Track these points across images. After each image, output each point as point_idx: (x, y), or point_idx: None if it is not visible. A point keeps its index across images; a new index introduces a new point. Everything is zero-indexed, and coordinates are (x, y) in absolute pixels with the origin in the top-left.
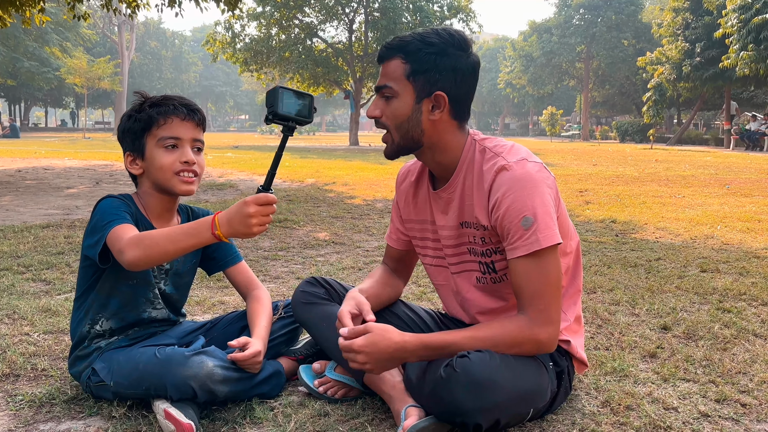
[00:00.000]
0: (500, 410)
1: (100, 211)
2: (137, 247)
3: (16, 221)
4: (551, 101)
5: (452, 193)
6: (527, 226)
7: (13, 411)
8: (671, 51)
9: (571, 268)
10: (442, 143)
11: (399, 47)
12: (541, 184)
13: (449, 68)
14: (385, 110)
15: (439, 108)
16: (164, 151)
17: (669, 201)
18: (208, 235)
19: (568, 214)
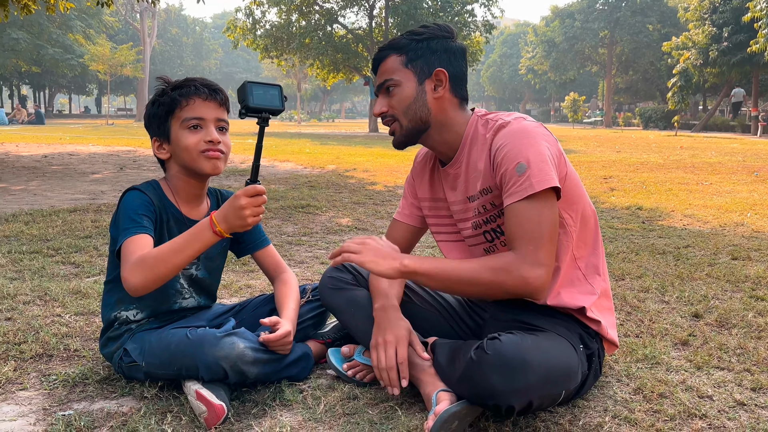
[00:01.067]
0: (533, 391)
1: (123, 207)
2: (142, 270)
3: (44, 205)
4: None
5: (458, 168)
6: (521, 171)
7: (48, 390)
8: (698, 35)
9: (592, 233)
10: (449, 121)
11: (390, 47)
12: (537, 135)
13: (441, 49)
14: (390, 102)
15: (441, 85)
16: (188, 131)
17: (696, 188)
18: (210, 235)
19: (579, 178)
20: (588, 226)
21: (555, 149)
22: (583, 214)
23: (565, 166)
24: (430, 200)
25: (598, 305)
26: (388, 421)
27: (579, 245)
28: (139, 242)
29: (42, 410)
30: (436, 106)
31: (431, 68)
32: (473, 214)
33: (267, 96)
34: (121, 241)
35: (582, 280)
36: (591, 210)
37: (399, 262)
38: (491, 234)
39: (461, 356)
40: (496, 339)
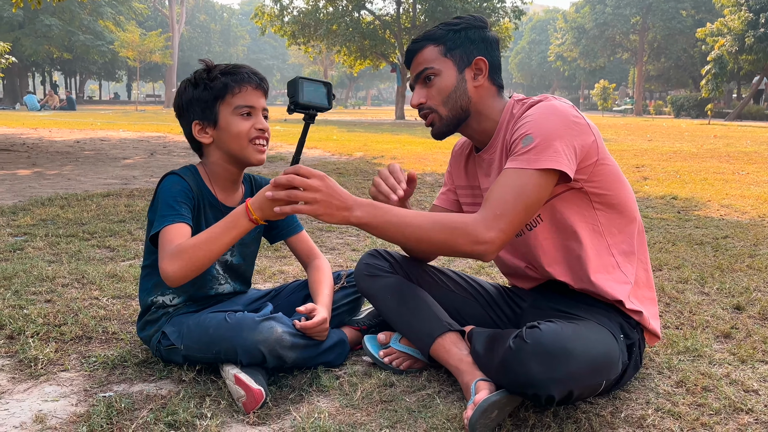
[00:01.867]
0: (573, 381)
1: (162, 192)
2: (179, 260)
3: (78, 190)
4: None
5: (493, 153)
6: (526, 143)
7: (88, 372)
8: (733, 21)
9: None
10: (487, 109)
11: (426, 38)
12: (560, 115)
13: (479, 39)
14: (429, 92)
15: (481, 74)
16: (240, 119)
17: (732, 178)
18: (246, 222)
19: (617, 165)
20: (625, 213)
21: (582, 135)
22: (619, 200)
23: (597, 153)
24: (467, 188)
25: (637, 295)
26: (426, 409)
27: (612, 232)
28: (177, 231)
29: (83, 391)
30: (476, 95)
31: (471, 57)
32: None
33: (317, 94)
34: (158, 228)
35: (615, 267)
36: (630, 197)
37: (351, 213)
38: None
39: (499, 345)
40: (536, 327)
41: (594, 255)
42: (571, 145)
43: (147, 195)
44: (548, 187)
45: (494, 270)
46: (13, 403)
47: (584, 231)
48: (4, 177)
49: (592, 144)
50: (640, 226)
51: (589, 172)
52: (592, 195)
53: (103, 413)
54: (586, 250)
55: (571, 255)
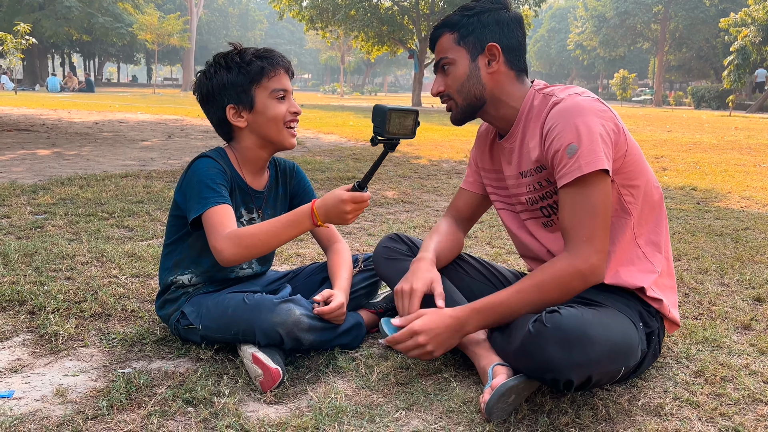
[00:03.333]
0: (592, 366)
1: (198, 174)
2: (237, 246)
3: (96, 170)
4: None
5: (513, 142)
6: (572, 153)
7: (107, 348)
8: (758, 12)
9: (655, 211)
10: (504, 95)
11: (443, 24)
12: (589, 112)
13: (493, 22)
14: (446, 81)
15: (494, 59)
16: (277, 102)
17: (753, 170)
18: (309, 225)
19: (642, 154)
20: (650, 202)
21: (612, 126)
22: (645, 191)
23: (626, 143)
24: (490, 171)
25: (659, 284)
26: (442, 392)
27: (640, 223)
28: (224, 212)
29: (102, 367)
30: (492, 81)
31: (483, 43)
32: (526, 189)
33: (403, 125)
34: (202, 210)
35: (642, 258)
36: (655, 186)
37: (464, 331)
38: (548, 209)
39: (518, 329)
40: (556, 312)
41: (619, 248)
42: (606, 139)
43: (165, 177)
44: (608, 184)
45: (511, 256)
46: (35, 377)
47: (612, 225)
48: (24, 156)
49: (621, 135)
50: (665, 213)
51: (620, 164)
52: (621, 187)
53: (123, 389)
54: (612, 243)
55: None
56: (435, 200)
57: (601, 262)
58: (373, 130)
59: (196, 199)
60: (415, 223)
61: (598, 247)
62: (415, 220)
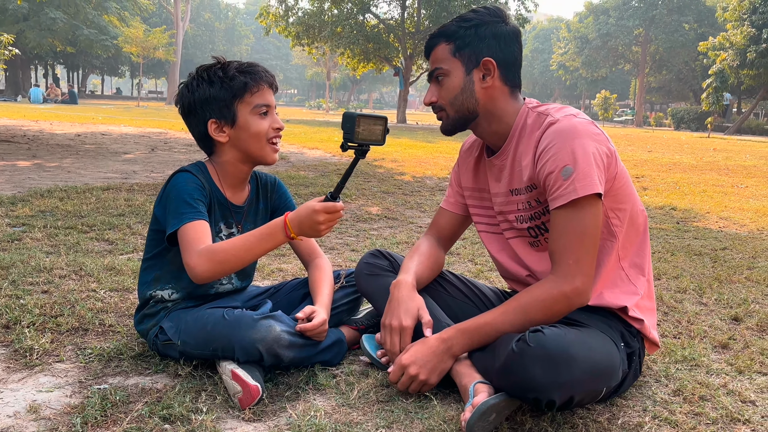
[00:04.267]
0: (575, 386)
1: (176, 188)
2: (210, 262)
3: (78, 182)
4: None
5: (504, 159)
6: (566, 175)
7: (83, 363)
8: (736, 36)
9: (640, 235)
10: (498, 110)
11: (440, 33)
12: (585, 135)
13: (490, 36)
14: (440, 92)
15: (489, 74)
16: (259, 117)
17: (731, 191)
18: (282, 238)
19: (629, 178)
20: (635, 226)
21: (605, 149)
22: (631, 214)
23: (616, 166)
24: (473, 190)
25: (640, 305)
26: (422, 410)
27: (624, 245)
28: (199, 229)
29: (78, 383)
30: (485, 96)
31: (479, 57)
32: (517, 207)
33: (372, 131)
34: (178, 225)
35: (625, 280)
36: (640, 209)
37: (451, 354)
38: (535, 230)
39: (501, 348)
40: (540, 332)
41: (604, 271)
42: (599, 162)
43: (147, 190)
44: (600, 208)
45: (493, 274)
46: (7, 393)
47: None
48: (3, 168)
49: (612, 159)
50: (648, 237)
51: (609, 186)
52: (609, 210)
53: (98, 405)
54: (598, 265)
55: None
56: (418, 216)
57: (586, 285)
58: (343, 137)
59: (173, 215)
60: (398, 239)
61: (584, 271)
62: (399, 236)
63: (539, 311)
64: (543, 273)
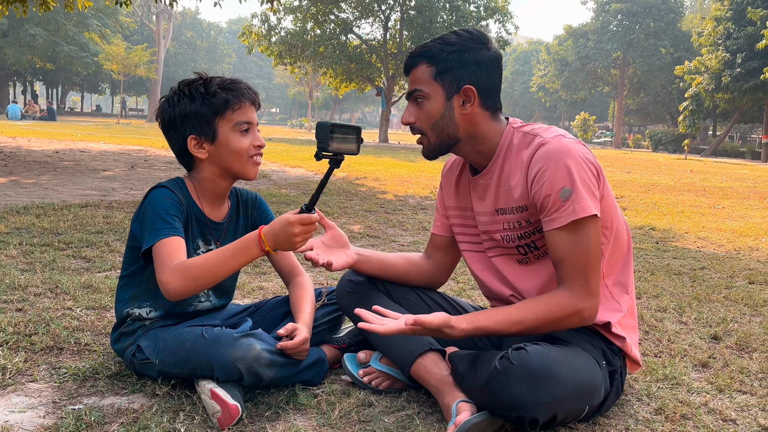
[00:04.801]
0: (558, 405)
1: (152, 204)
2: (183, 279)
3: (55, 199)
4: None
5: (489, 179)
6: (565, 197)
7: (57, 383)
8: (711, 61)
9: (624, 253)
10: (480, 133)
11: (422, 54)
12: (577, 155)
13: (472, 62)
14: (419, 114)
15: (469, 101)
16: (240, 135)
17: (708, 211)
18: (257, 251)
19: (614, 197)
20: (620, 244)
21: (594, 169)
22: (616, 232)
23: (604, 186)
24: (457, 208)
25: (623, 323)
26: (405, 430)
27: (609, 263)
28: (173, 245)
29: (52, 403)
30: (465, 121)
31: (460, 84)
32: (503, 227)
33: (346, 140)
34: (153, 242)
35: (609, 298)
36: (624, 227)
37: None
38: (525, 249)
39: (483, 366)
40: (522, 349)
41: None
42: (592, 180)
43: (126, 207)
44: (599, 227)
45: (475, 292)
46: None
47: None
48: None
49: (601, 178)
50: (632, 255)
51: (600, 205)
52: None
53: (72, 426)
54: None
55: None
56: (401, 235)
57: (596, 304)
58: (317, 146)
59: (149, 231)
60: None
61: (593, 291)
62: None
63: (552, 323)
64: (528, 291)
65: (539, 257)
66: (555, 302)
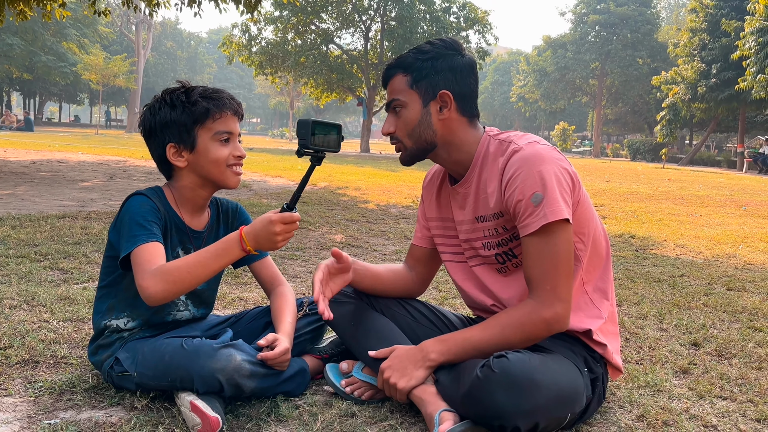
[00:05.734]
0: (540, 413)
1: (129, 212)
2: (163, 282)
3: (32, 210)
4: (563, 117)
5: (468, 187)
6: (536, 202)
7: (33, 397)
8: (687, 71)
9: (603, 259)
10: (457, 140)
11: (397, 65)
12: (551, 161)
13: (447, 68)
14: (397, 123)
15: (446, 106)
16: (219, 144)
17: (686, 219)
18: (238, 252)
19: (591, 203)
20: (598, 250)
21: (569, 175)
22: (594, 239)
23: (579, 192)
24: (438, 219)
25: (603, 329)
26: None
27: (588, 269)
28: (152, 250)
29: (27, 418)
30: (443, 128)
31: (436, 90)
32: (483, 234)
33: (327, 137)
34: (131, 248)
35: (589, 304)
36: (602, 234)
37: (425, 366)
38: (503, 257)
39: (465, 375)
40: (504, 357)
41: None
42: (566, 189)
43: (105, 218)
44: (570, 232)
45: (457, 301)
46: None
47: None
48: None
49: (574, 181)
50: (611, 262)
51: (573, 210)
52: (572, 234)
53: None
54: None
55: None
56: (383, 244)
57: (565, 311)
58: (298, 143)
59: (126, 238)
60: None
61: (562, 297)
62: None
63: (518, 334)
64: (509, 300)
65: (517, 266)
66: (520, 312)
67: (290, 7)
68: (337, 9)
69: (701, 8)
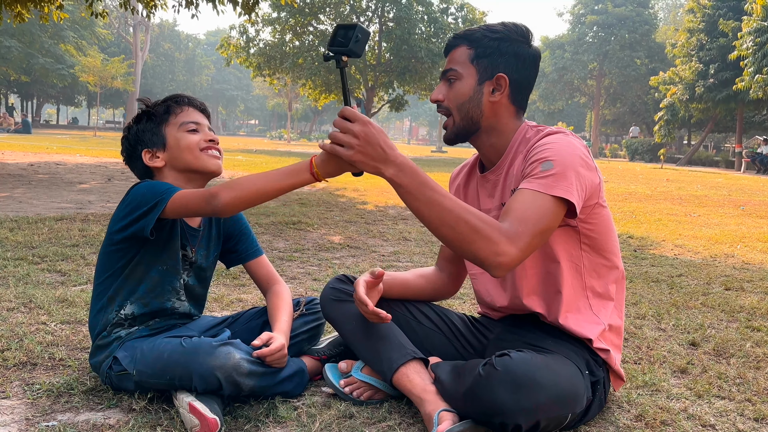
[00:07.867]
0: (541, 411)
1: (144, 188)
2: (232, 190)
3: (29, 213)
4: (561, 117)
5: (499, 174)
6: (545, 168)
7: (31, 400)
8: (684, 71)
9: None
10: (500, 126)
11: (464, 36)
12: (578, 150)
13: (511, 53)
14: (448, 93)
15: (499, 90)
16: (188, 133)
17: (684, 219)
18: (307, 176)
19: (612, 220)
20: (608, 259)
21: (591, 175)
22: (605, 248)
23: (598, 196)
24: None
25: (606, 338)
26: None
27: (592, 275)
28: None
29: (24, 420)
30: (490, 110)
31: (494, 71)
32: None
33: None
34: (170, 195)
35: (588, 308)
36: (615, 246)
37: (384, 168)
38: None
39: (467, 373)
40: (506, 356)
41: (569, 293)
42: (582, 182)
43: (103, 220)
44: (561, 216)
45: (458, 301)
46: None
47: (566, 268)
48: None
49: (597, 186)
50: (621, 274)
51: (587, 213)
52: (582, 236)
53: None
54: (564, 287)
55: (550, 289)
56: (381, 245)
57: (516, 259)
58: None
59: (153, 198)
60: (361, 268)
61: (522, 246)
62: (361, 265)
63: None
64: (528, 298)
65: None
66: (488, 225)
67: (288, 8)
68: (335, 10)
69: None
